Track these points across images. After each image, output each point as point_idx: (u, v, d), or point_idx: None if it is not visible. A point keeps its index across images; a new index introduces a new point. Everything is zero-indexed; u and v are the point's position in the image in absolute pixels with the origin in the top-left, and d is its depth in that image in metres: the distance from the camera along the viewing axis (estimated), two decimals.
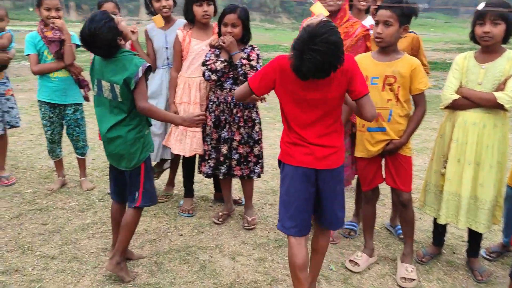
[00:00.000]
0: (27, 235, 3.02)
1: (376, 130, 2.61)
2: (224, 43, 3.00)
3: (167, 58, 3.38)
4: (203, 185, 4.05)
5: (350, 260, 2.80)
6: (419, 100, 2.57)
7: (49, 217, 3.29)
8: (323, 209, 2.21)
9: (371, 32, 2.75)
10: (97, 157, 4.64)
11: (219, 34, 3.10)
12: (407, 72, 2.50)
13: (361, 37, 2.87)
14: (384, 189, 3.20)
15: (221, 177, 3.25)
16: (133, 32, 3.24)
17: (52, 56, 3.49)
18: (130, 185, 2.53)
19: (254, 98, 2.46)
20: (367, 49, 2.88)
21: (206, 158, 3.25)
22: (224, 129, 3.15)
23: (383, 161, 2.73)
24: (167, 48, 3.36)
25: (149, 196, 2.55)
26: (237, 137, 3.14)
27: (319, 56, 1.83)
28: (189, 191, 3.56)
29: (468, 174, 2.56)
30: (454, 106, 2.60)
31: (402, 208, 2.74)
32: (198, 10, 3.17)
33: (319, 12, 2.18)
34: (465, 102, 2.56)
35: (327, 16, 2.26)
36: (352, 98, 2.12)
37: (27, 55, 3.51)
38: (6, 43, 3.62)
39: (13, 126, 3.88)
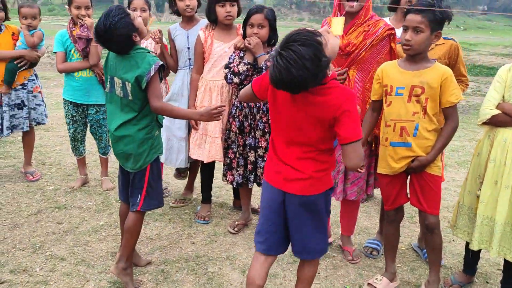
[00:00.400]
0: (41, 234, 3.01)
1: (400, 145, 2.39)
2: (249, 44, 2.87)
3: (189, 59, 3.29)
4: (224, 191, 3.94)
5: (368, 284, 2.59)
6: (449, 114, 2.33)
7: (66, 216, 3.28)
8: (290, 236, 2.03)
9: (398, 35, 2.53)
10: None
11: (244, 35, 2.98)
12: (436, 82, 2.27)
13: (385, 37, 2.65)
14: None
15: (250, 186, 3.13)
16: (156, 42, 3.21)
17: (78, 55, 3.49)
18: (133, 187, 2.45)
19: (256, 100, 2.25)
20: (392, 51, 2.67)
21: (234, 166, 3.12)
22: (249, 136, 3.02)
23: (408, 179, 2.51)
24: (189, 48, 3.28)
25: (152, 200, 2.46)
26: (262, 144, 3.02)
27: (282, 63, 1.65)
28: (206, 197, 3.45)
29: (505, 198, 2.31)
30: (494, 123, 2.35)
31: (428, 233, 2.50)
32: (220, 10, 3.06)
33: (335, 30, 1.99)
34: (506, 118, 2.31)
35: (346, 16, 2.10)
36: (338, 142, 1.89)
37: (55, 52, 3.52)
38: (37, 42, 3.65)
39: (39, 123, 3.92)
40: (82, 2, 3.40)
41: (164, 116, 2.51)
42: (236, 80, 2.89)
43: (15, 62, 3.61)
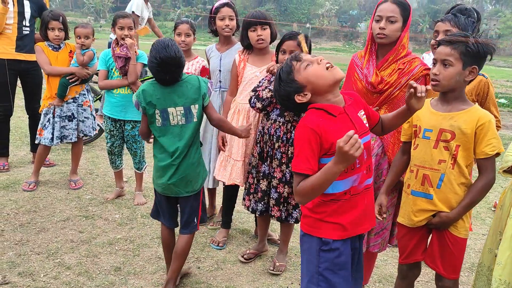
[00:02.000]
0: (61, 241, 3.16)
1: (420, 195, 2.11)
2: (275, 70, 2.80)
3: (220, 81, 3.32)
4: (252, 217, 3.85)
5: None
6: (483, 167, 2.01)
7: (89, 226, 3.42)
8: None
9: None
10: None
11: (278, 61, 2.92)
12: (470, 128, 1.97)
13: (420, 77, 2.39)
14: None
15: (257, 214, 3.02)
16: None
17: (118, 73, 3.68)
18: (191, 209, 2.55)
19: None
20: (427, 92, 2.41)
21: (252, 191, 3.05)
22: (265, 163, 2.93)
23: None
24: (220, 70, 3.30)
25: (204, 214, 2.70)
26: (277, 174, 2.89)
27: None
28: (225, 221, 3.40)
29: None
30: None
31: None
32: (252, 35, 3.04)
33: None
34: None
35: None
36: None
37: (98, 70, 3.75)
38: (86, 61, 3.92)
39: (85, 135, 4.17)
40: (125, 23, 3.59)
41: None
42: (258, 105, 2.82)
43: (67, 78, 3.90)
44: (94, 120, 4.23)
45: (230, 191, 3.35)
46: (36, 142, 4.07)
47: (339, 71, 1.74)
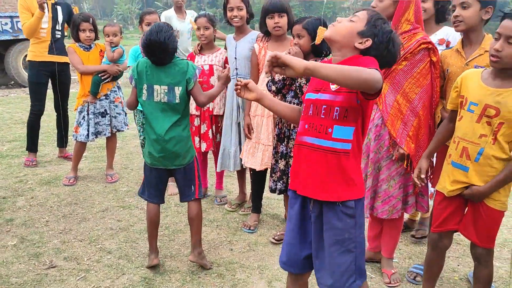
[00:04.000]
0: (101, 229, 3.33)
1: (457, 166, 2.13)
2: (289, 53, 2.87)
3: (236, 69, 3.41)
4: (282, 203, 3.92)
5: None
6: None
7: (127, 215, 3.58)
8: None
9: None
10: None
11: None
12: None
13: (419, 51, 2.42)
14: None
15: (277, 193, 3.09)
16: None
17: None
18: (185, 180, 2.73)
19: None
20: (434, 65, 2.43)
21: (271, 172, 3.14)
22: (283, 144, 3.00)
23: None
24: (235, 58, 3.39)
25: (201, 188, 2.82)
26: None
27: None
28: (256, 207, 3.49)
29: None
30: None
31: (475, 262, 2.21)
32: (269, 22, 3.13)
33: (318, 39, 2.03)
34: None
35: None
36: None
37: (129, 66, 3.91)
38: (116, 57, 4.10)
39: (118, 130, 4.35)
40: (152, 19, 3.74)
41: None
42: (273, 87, 2.91)
43: (99, 75, 4.08)
44: (126, 115, 4.40)
45: (258, 177, 3.44)
46: (73, 139, 4.28)
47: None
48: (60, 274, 2.70)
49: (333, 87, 1.70)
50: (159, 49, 2.52)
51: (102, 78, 4.09)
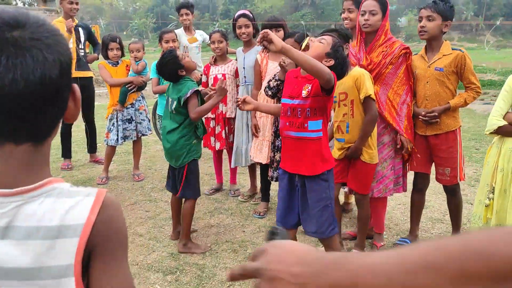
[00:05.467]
0: (132, 217, 3.88)
1: (338, 140, 2.91)
2: (284, 63, 3.39)
3: (244, 77, 3.95)
4: None
5: None
6: (366, 107, 2.76)
7: (153, 207, 4.13)
8: None
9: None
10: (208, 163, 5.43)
11: None
12: (352, 85, 2.71)
13: (401, 55, 2.95)
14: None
15: (274, 181, 3.65)
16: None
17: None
18: (176, 179, 3.21)
19: None
20: (408, 67, 2.93)
21: (270, 163, 3.68)
22: (278, 138, 3.54)
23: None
24: (244, 68, 3.93)
25: (188, 191, 3.19)
26: None
27: None
28: (264, 196, 4.00)
29: None
30: (500, 133, 2.45)
31: (357, 206, 3.04)
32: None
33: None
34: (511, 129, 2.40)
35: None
36: None
37: (151, 78, 4.49)
38: (140, 69, 4.69)
39: (143, 135, 4.93)
40: (169, 37, 4.32)
41: (202, 132, 3.25)
42: (269, 92, 3.43)
43: (126, 87, 4.67)
44: (149, 121, 4.98)
45: (267, 170, 3.95)
46: (104, 143, 4.87)
47: None
48: None
49: (304, 94, 2.28)
50: (160, 72, 3.23)
51: (129, 88, 4.67)
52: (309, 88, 2.29)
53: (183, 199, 3.28)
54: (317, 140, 2.33)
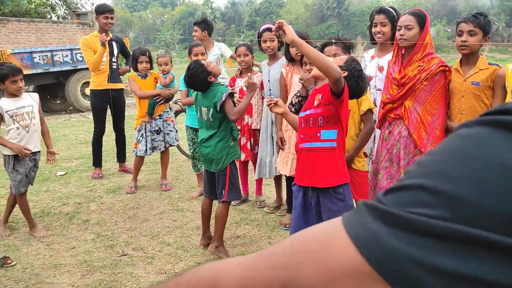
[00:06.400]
0: (160, 226, 3.96)
1: None
2: (301, 80, 3.43)
3: (269, 89, 4.00)
4: None
5: None
6: (365, 119, 2.97)
7: (180, 216, 4.20)
8: None
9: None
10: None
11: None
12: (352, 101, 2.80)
13: (438, 73, 2.91)
14: None
15: None
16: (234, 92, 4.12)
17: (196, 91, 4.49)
18: (219, 183, 3.27)
19: None
20: (445, 84, 2.90)
21: None
22: None
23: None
24: (269, 81, 3.98)
25: (233, 193, 3.28)
26: None
27: None
28: (290, 208, 4.00)
29: None
30: None
31: None
32: (292, 50, 3.72)
33: None
34: None
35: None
36: None
37: (180, 90, 4.59)
38: (168, 82, 4.81)
39: (171, 145, 5.03)
40: (198, 50, 4.41)
41: (238, 133, 3.30)
42: (292, 109, 3.47)
43: (154, 99, 4.79)
44: (177, 132, 5.09)
45: (291, 182, 3.98)
46: (133, 154, 4.99)
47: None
48: (131, 260, 3.34)
49: (315, 103, 2.29)
50: (190, 84, 3.29)
51: (157, 101, 4.79)
52: (320, 97, 2.32)
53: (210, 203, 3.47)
54: (330, 150, 2.30)
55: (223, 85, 3.29)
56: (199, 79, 3.17)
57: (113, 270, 3.18)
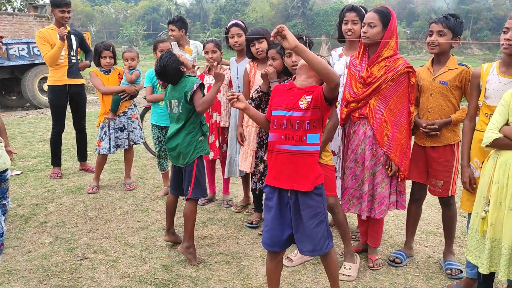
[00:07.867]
0: (123, 228, 3.81)
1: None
2: (266, 72, 3.39)
3: (238, 86, 3.93)
4: None
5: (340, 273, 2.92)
6: (330, 114, 2.80)
7: (145, 217, 4.06)
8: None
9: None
10: None
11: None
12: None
13: (404, 73, 2.90)
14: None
15: (257, 192, 3.70)
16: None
17: (161, 88, 4.35)
18: (185, 179, 3.20)
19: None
20: (410, 85, 2.90)
21: (253, 174, 3.72)
22: (262, 149, 3.56)
23: None
24: (238, 78, 3.91)
25: (198, 190, 3.19)
26: None
27: None
28: (257, 206, 3.96)
29: (510, 220, 2.31)
30: (496, 146, 2.44)
31: (330, 212, 2.97)
32: (252, 48, 3.68)
33: None
34: (508, 142, 2.37)
35: None
36: None
37: (145, 87, 4.44)
38: (134, 79, 4.64)
39: (135, 143, 4.87)
40: (164, 46, 4.28)
41: (207, 129, 3.27)
42: (252, 104, 3.44)
43: (119, 95, 4.62)
44: (141, 130, 4.93)
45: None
46: (96, 152, 4.79)
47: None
48: (92, 264, 3.18)
49: (303, 106, 2.22)
50: (160, 74, 3.18)
51: (122, 97, 4.62)
52: (309, 99, 2.23)
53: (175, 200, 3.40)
54: (315, 154, 2.26)
55: (194, 76, 3.22)
56: (172, 67, 3.10)
57: (73, 275, 3.02)
